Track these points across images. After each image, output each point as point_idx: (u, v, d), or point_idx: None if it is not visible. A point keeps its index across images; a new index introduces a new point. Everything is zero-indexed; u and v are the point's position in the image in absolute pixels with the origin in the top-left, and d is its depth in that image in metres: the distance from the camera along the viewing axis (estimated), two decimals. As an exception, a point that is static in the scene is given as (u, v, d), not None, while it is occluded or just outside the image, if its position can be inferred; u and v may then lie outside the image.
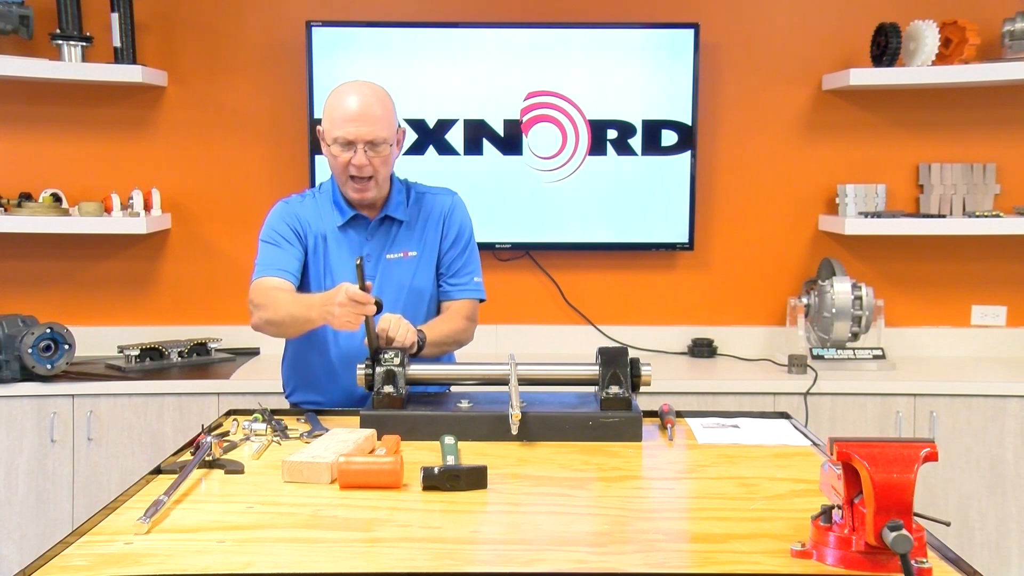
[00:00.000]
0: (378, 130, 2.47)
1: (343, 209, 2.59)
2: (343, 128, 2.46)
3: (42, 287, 3.96)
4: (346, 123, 2.46)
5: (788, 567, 1.49)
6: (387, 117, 2.51)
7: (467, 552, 1.58)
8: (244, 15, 3.94)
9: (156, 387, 3.47)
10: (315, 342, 2.58)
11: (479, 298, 2.70)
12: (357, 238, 2.60)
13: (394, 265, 2.59)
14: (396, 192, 2.63)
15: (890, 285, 3.99)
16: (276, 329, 2.48)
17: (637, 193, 3.91)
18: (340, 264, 2.58)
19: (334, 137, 2.48)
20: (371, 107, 2.48)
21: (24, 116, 3.91)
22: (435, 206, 2.66)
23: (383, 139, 2.48)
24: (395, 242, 2.61)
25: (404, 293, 2.58)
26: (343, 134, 2.46)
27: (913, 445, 1.44)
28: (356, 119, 2.46)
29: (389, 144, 2.50)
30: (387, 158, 2.52)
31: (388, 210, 2.60)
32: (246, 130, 3.96)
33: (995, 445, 3.48)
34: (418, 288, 2.61)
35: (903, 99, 3.94)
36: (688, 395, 3.46)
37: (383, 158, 2.50)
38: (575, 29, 3.86)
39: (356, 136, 2.46)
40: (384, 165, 2.52)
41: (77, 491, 3.44)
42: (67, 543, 1.58)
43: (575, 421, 2.18)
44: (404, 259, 2.61)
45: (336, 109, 2.50)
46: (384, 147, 2.49)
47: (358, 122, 2.46)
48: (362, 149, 2.46)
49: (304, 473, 1.88)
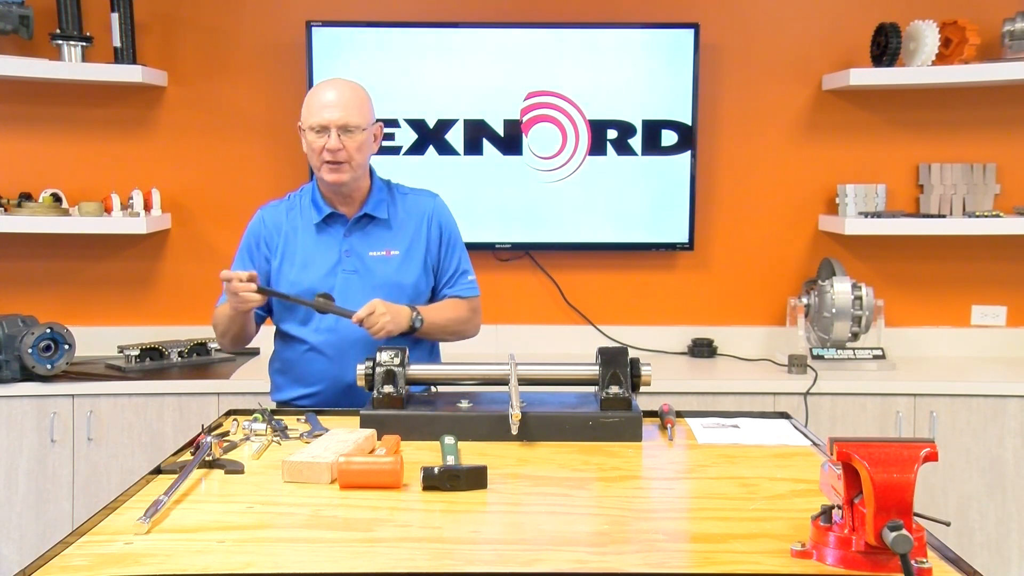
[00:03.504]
0: (350, 116, 2.54)
1: (320, 207, 2.65)
2: (318, 115, 2.55)
3: (42, 287, 3.96)
4: (320, 109, 2.55)
5: (788, 567, 1.49)
6: (361, 106, 2.58)
7: (467, 552, 1.57)
8: (244, 15, 3.94)
9: (156, 387, 3.47)
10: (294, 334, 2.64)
11: (475, 294, 2.76)
12: (335, 236, 2.64)
13: (378, 262, 2.64)
14: (377, 190, 2.68)
15: (890, 285, 3.99)
16: (222, 337, 2.70)
17: (637, 193, 3.91)
18: (314, 261, 2.63)
19: (309, 125, 2.56)
20: (344, 95, 2.56)
21: (24, 116, 3.91)
22: (417, 207, 2.71)
23: (356, 125, 2.54)
24: (377, 240, 2.65)
25: (387, 289, 2.61)
26: (317, 120, 2.54)
27: (913, 445, 1.44)
28: (330, 105, 2.55)
29: (363, 130, 2.56)
30: (362, 144, 2.57)
31: (368, 208, 2.65)
32: (246, 130, 3.96)
33: (995, 445, 3.48)
34: (400, 283, 2.64)
35: (903, 99, 3.94)
36: (688, 395, 3.46)
37: (358, 144, 2.56)
38: (575, 29, 3.86)
39: (329, 120, 2.53)
40: (359, 152, 2.57)
41: (77, 491, 3.44)
42: (67, 543, 1.58)
43: (575, 421, 2.18)
44: (387, 257, 2.65)
45: (312, 99, 2.59)
46: (358, 133, 2.55)
47: (331, 107, 2.54)
48: (335, 133, 2.53)
49: (304, 473, 1.88)
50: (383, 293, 2.58)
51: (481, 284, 2.79)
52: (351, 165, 2.57)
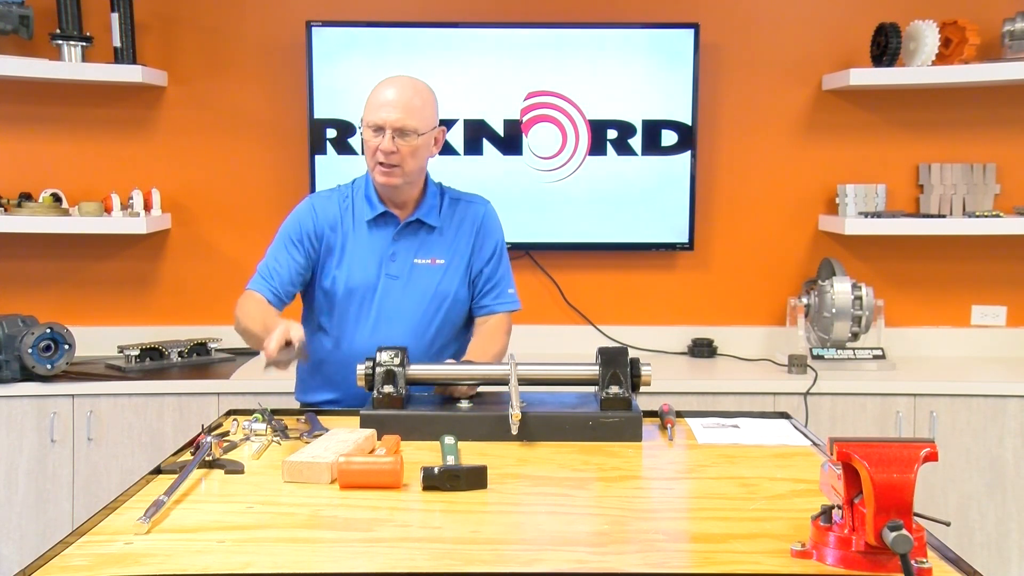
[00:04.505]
0: (408, 118, 2.46)
1: (373, 204, 2.58)
2: (375, 113, 2.47)
3: (42, 287, 3.96)
4: (379, 108, 2.47)
5: (788, 567, 1.49)
6: (423, 109, 2.50)
7: (467, 552, 1.57)
8: (244, 15, 3.94)
9: (156, 387, 3.47)
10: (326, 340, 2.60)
11: (516, 309, 2.72)
12: (384, 236, 2.59)
13: (422, 270, 2.59)
14: (431, 195, 2.62)
15: (890, 285, 3.99)
16: (241, 333, 2.54)
17: (637, 193, 3.91)
18: (360, 259, 2.57)
19: (367, 122, 2.49)
20: (406, 96, 2.48)
21: (24, 116, 3.91)
22: (468, 214, 2.65)
23: (412, 128, 2.47)
24: (424, 247, 2.60)
25: (428, 298, 2.58)
26: (374, 118, 2.47)
27: (913, 445, 1.44)
28: (388, 104, 2.47)
29: (419, 135, 2.48)
30: (416, 149, 2.49)
31: (420, 213, 2.59)
32: (246, 130, 3.96)
33: (995, 445, 3.48)
34: (442, 292, 2.60)
35: (903, 99, 3.94)
36: (688, 395, 3.46)
37: (412, 148, 2.48)
38: (575, 29, 3.86)
39: (385, 121, 2.46)
40: (413, 156, 2.49)
41: (77, 491, 3.44)
42: (67, 543, 1.58)
43: (575, 421, 2.18)
44: (432, 266, 2.60)
45: (374, 97, 2.51)
46: (413, 137, 2.47)
47: (389, 107, 2.46)
48: (390, 135, 2.45)
49: (304, 473, 1.88)
50: (423, 301, 2.57)
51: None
52: (404, 170, 2.50)
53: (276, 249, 2.59)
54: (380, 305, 2.55)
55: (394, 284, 2.57)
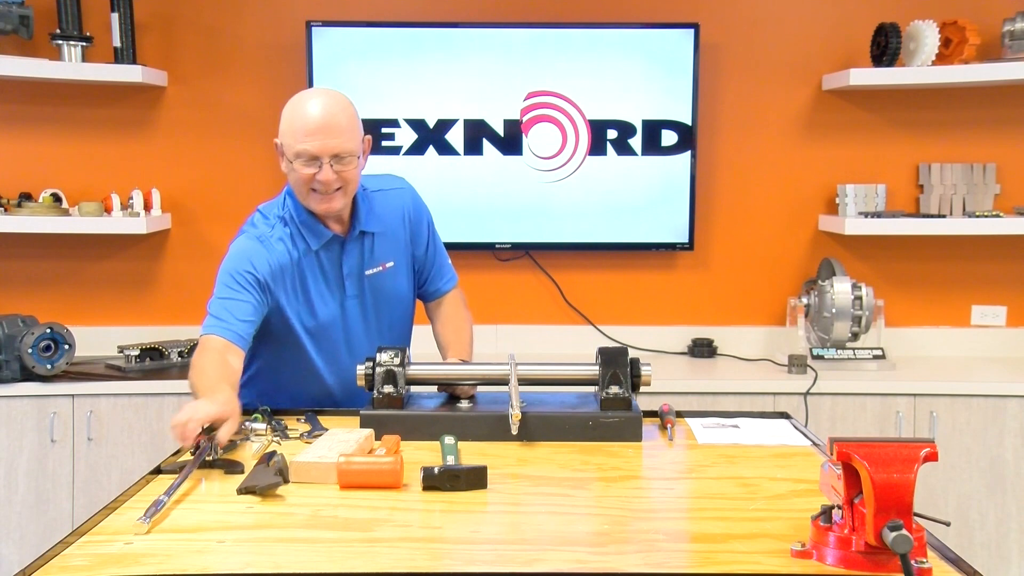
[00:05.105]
0: (344, 142, 2.26)
1: (319, 232, 2.38)
2: (306, 141, 2.25)
3: (42, 287, 3.96)
4: (309, 136, 2.25)
5: (788, 567, 1.49)
6: (352, 127, 2.31)
7: (467, 552, 1.57)
8: (244, 15, 3.94)
9: (156, 387, 3.48)
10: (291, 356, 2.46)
11: (456, 281, 2.67)
12: (332, 260, 2.42)
13: (376, 279, 2.48)
14: (361, 202, 2.43)
15: (890, 285, 3.99)
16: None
17: (637, 193, 3.91)
18: (318, 290, 2.41)
19: (296, 152, 2.27)
20: (335, 117, 2.27)
21: (24, 116, 3.91)
22: (392, 205, 2.50)
23: (350, 151, 2.28)
24: (371, 256, 2.46)
25: (390, 304, 2.52)
26: (306, 148, 2.25)
27: (913, 445, 1.44)
28: (319, 131, 2.25)
29: (356, 156, 2.31)
30: (355, 171, 2.32)
31: (360, 225, 2.42)
32: (246, 130, 3.96)
33: (995, 445, 3.48)
34: (400, 295, 2.54)
35: (903, 99, 3.94)
36: (688, 395, 3.46)
37: (353, 170, 2.31)
38: (575, 29, 3.86)
39: (320, 150, 2.25)
40: (355, 178, 2.33)
41: (77, 491, 3.44)
42: (67, 543, 1.58)
43: (575, 421, 2.18)
44: (383, 272, 2.48)
45: (296, 120, 2.28)
46: (351, 160, 2.29)
47: (322, 134, 2.25)
48: (328, 164, 2.26)
49: (311, 473, 1.88)
50: (384, 309, 2.50)
51: (481, 284, 2.78)
52: (345, 192, 2.32)
53: (227, 293, 2.30)
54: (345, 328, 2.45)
55: (353, 304, 2.45)
